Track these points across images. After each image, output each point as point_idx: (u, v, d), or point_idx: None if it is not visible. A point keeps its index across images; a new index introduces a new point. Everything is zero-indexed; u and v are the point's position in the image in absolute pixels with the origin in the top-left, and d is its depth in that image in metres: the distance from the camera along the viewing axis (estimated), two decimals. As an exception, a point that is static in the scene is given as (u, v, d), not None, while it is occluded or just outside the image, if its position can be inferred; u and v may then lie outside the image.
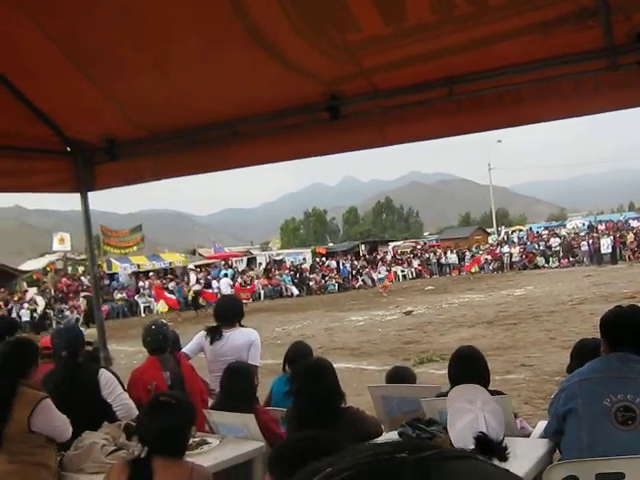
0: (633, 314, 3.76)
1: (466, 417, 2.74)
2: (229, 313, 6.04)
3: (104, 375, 5.06)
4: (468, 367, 4.35)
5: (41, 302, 32.96)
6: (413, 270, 46.18)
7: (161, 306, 32.70)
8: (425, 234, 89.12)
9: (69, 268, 45.14)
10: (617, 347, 3.67)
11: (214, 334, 5.89)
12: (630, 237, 42.09)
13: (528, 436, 4.42)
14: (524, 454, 3.75)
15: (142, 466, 3.33)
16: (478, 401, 2.75)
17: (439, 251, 49.11)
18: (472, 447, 2.62)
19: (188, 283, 36.38)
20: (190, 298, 32.79)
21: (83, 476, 4.32)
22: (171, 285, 36.88)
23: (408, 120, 4.33)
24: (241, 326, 6.03)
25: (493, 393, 4.44)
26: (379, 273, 36.84)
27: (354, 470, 0.49)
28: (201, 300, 31.97)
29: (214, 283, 36.45)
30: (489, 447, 2.63)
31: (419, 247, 54.40)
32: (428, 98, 4.23)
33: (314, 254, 51.92)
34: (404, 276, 44.87)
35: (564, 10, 3.62)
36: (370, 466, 0.49)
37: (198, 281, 35.55)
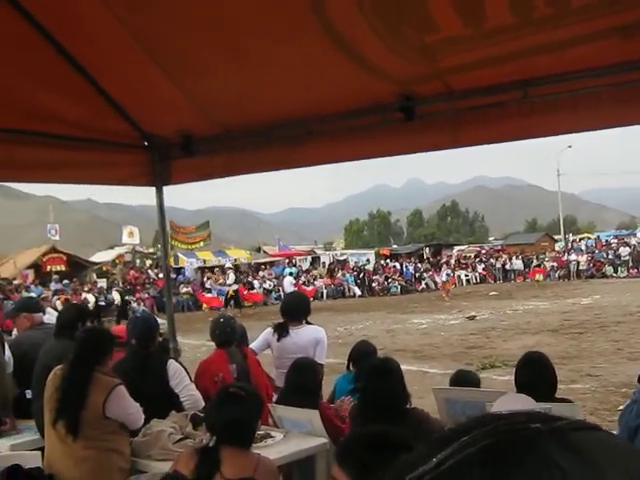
0: None
1: None
2: (296, 310, 6.10)
3: (172, 365, 5.17)
4: (535, 373, 4.31)
5: (116, 295, 33.68)
6: (477, 275, 45.66)
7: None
8: (490, 239, 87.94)
9: (137, 261, 46.06)
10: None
11: (281, 331, 5.95)
12: None
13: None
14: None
15: (210, 455, 3.41)
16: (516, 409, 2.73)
17: (504, 256, 48.42)
18: None
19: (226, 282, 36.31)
20: (229, 297, 33.01)
21: (151, 462, 4.44)
22: (209, 283, 37.06)
23: (482, 122, 4.31)
24: (308, 323, 6.08)
25: (560, 401, 4.41)
26: (442, 277, 36.50)
27: (491, 439, 0.49)
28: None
29: (256, 283, 36.72)
30: None
31: (483, 252, 53.73)
32: (502, 100, 4.21)
33: (377, 255, 51.76)
34: (468, 281, 44.38)
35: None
36: (507, 435, 0.50)
37: (237, 280, 35.65)
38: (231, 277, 36.01)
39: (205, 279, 38.53)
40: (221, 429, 3.47)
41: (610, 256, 44.19)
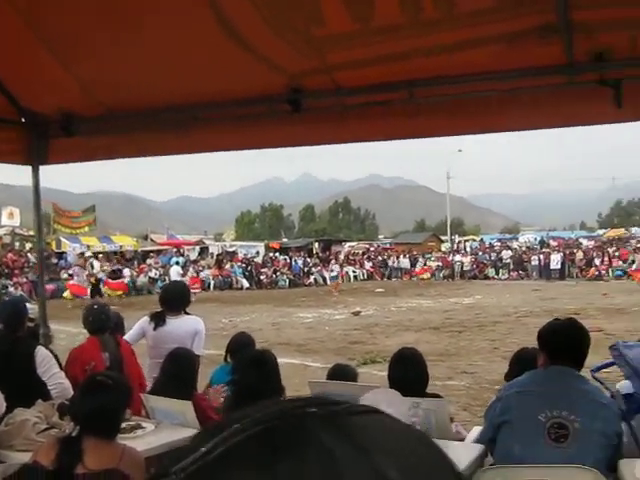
0: (571, 327, 3.82)
1: None
2: (175, 300, 5.99)
3: (40, 352, 4.97)
4: (408, 369, 4.39)
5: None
6: (365, 272, 46.38)
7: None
8: (380, 237, 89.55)
9: (17, 243, 44.23)
10: (555, 360, 3.71)
11: (158, 320, 5.83)
12: (579, 255, 42.90)
13: (463, 440, 4.47)
14: (457, 457, 3.77)
15: (72, 444, 3.28)
16: (383, 404, 2.77)
17: (392, 255, 49.45)
18: None
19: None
20: (91, 286, 32.00)
21: (12, 453, 4.24)
22: (74, 270, 35.61)
23: (367, 119, 4.35)
24: (186, 314, 5.98)
25: (430, 396, 4.50)
26: (331, 272, 36.85)
27: (263, 425, 0.49)
28: (105, 289, 31.51)
29: (126, 272, 35.84)
30: None
31: (372, 249, 54.68)
32: (389, 99, 4.26)
33: (267, 248, 51.74)
34: (355, 277, 44.97)
35: (529, 24, 3.68)
36: (279, 421, 0.49)
37: (103, 269, 34.69)
38: (96, 265, 35.00)
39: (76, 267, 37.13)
40: (85, 418, 3.34)
41: (493, 258, 45.81)
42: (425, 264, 45.60)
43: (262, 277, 41.23)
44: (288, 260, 44.91)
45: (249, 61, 4.08)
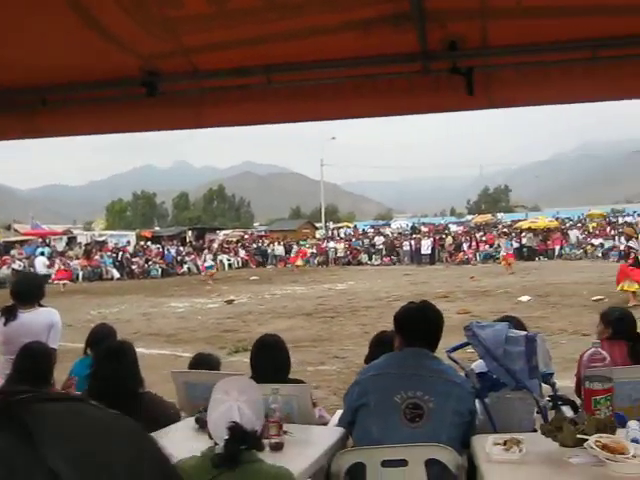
0: (425, 310, 3.92)
1: (220, 408, 2.73)
2: (28, 292, 5.71)
3: None
4: (269, 356, 4.39)
5: None
6: (240, 259, 46.23)
7: None
8: (255, 224, 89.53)
9: None
10: (410, 342, 3.80)
11: (9, 314, 5.54)
12: (449, 240, 44.43)
13: (326, 424, 4.51)
14: (318, 441, 3.83)
15: None
16: (234, 391, 2.75)
17: (266, 242, 49.53)
18: (226, 437, 2.62)
19: None
20: None
21: None
22: None
23: (225, 104, 4.28)
24: (40, 306, 5.72)
25: (293, 382, 4.51)
26: (205, 261, 36.39)
27: None
28: None
29: None
30: (243, 437, 2.63)
31: (247, 237, 54.58)
32: (247, 83, 4.20)
33: (139, 237, 50.66)
34: (230, 265, 44.79)
35: (383, 11, 3.70)
36: None
37: None
38: None
39: None
40: None
41: (366, 245, 46.73)
42: (299, 251, 45.96)
43: (134, 267, 40.33)
44: (161, 249, 44.13)
45: (101, 42, 3.91)
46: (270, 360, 4.37)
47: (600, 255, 38.32)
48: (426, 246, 41.81)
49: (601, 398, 3.42)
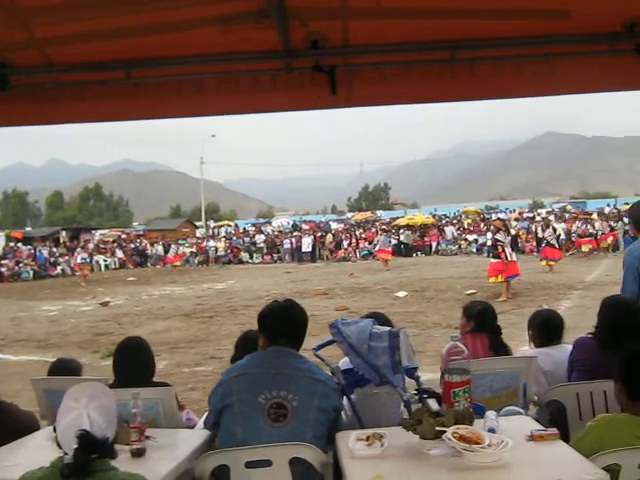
0: (289, 309, 3.90)
1: (69, 415, 2.62)
2: None
3: None
4: (132, 359, 4.27)
5: None
6: (117, 260, 45.07)
7: None
8: (134, 224, 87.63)
9: None
10: (274, 341, 3.77)
11: None
12: (329, 238, 44.90)
13: (194, 427, 4.43)
14: (182, 445, 3.75)
15: None
16: (84, 398, 2.65)
17: (145, 241, 48.55)
18: (75, 446, 2.51)
19: None
20: None
21: None
22: None
23: (84, 99, 4.14)
24: None
25: (158, 385, 4.41)
26: (77, 260, 35.13)
27: None
28: None
29: None
30: (93, 445, 2.53)
31: (124, 237, 53.33)
32: (106, 79, 4.07)
33: (8, 238, 48.52)
34: (107, 266, 43.62)
35: (244, 7, 3.67)
36: None
37: None
38: None
39: None
40: None
41: (247, 243, 46.56)
42: (178, 250, 45.31)
43: (3, 269, 38.57)
44: (32, 250, 42.41)
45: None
46: (133, 363, 4.26)
47: (474, 250, 39.66)
48: (307, 244, 42.11)
49: (459, 390, 3.50)
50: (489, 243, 23.87)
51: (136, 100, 4.11)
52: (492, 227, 25.06)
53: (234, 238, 48.59)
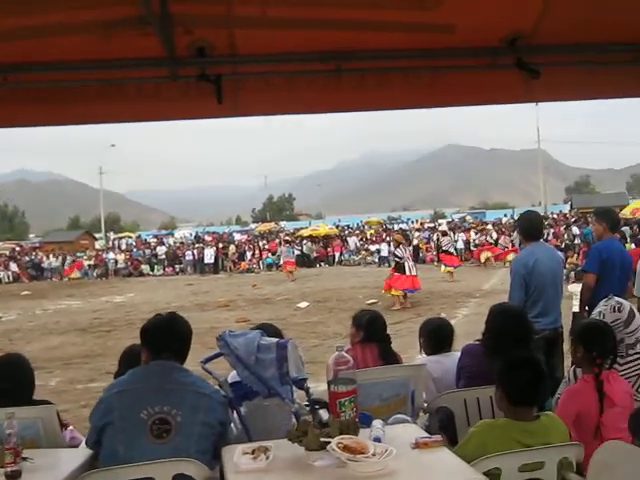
0: (172, 321, 3.82)
1: None
2: None
3: None
4: (9, 376, 4.10)
5: None
6: (11, 274, 43.44)
7: None
8: (31, 236, 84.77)
9: None
10: (158, 355, 3.68)
11: None
12: (232, 249, 44.64)
13: (78, 446, 4.28)
14: (63, 464, 3.60)
15: None
16: None
17: (40, 254, 47.01)
18: None
19: None
20: None
21: None
22: None
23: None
24: None
25: (38, 403, 4.23)
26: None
27: None
28: None
29: None
30: None
31: (19, 249, 51.54)
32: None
33: None
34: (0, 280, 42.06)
35: (124, 13, 3.57)
36: None
37: None
38: None
39: None
40: None
41: (148, 255, 45.76)
42: (74, 263, 44.13)
43: None
44: None
45: None
46: (9, 382, 4.06)
47: (376, 260, 40.20)
48: (209, 255, 41.75)
49: (345, 400, 3.50)
50: (385, 254, 24.29)
51: (13, 106, 3.94)
52: (393, 240, 25.47)
53: (135, 250, 47.67)
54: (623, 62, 4.58)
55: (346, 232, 51.36)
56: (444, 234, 30.29)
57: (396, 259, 19.13)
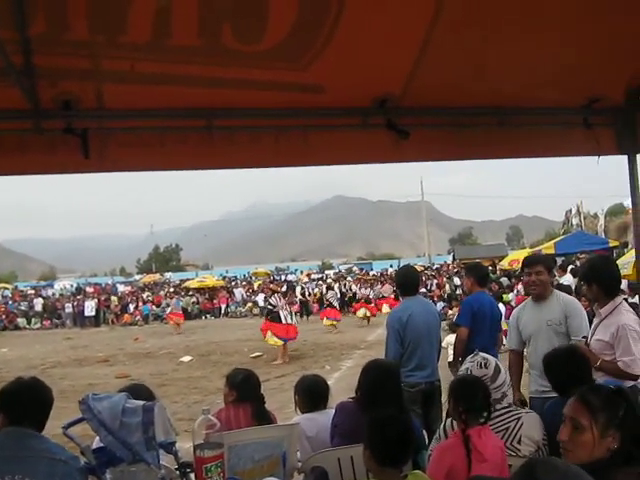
0: (35, 387, 3.71)
1: None
2: None
3: None
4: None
5: None
6: None
7: None
8: None
9: None
10: (14, 422, 3.49)
11: None
12: (115, 300, 43.52)
13: None
14: None
15: None
16: None
17: None
18: None
19: None
20: None
21: None
22: None
23: None
24: None
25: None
26: None
27: None
28: None
29: None
30: None
31: None
32: None
33: None
34: None
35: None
36: None
37: None
38: None
39: None
40: None
41: (24, 307, 43.92)
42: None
43: None
44: None
45: None
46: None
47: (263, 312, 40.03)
48: (90, 307, 40.48)
49: (211, 465, 3.39)
50: (262, 304, 24.24)
51: None
52: (269, 290, 25.43)
53: (10, 302, 45.66)
54: (489, 125, 4.77)
55: (232, 283, 51.03)
56: (329, 288, 30.59)
57: (269, 307, 19.05)
